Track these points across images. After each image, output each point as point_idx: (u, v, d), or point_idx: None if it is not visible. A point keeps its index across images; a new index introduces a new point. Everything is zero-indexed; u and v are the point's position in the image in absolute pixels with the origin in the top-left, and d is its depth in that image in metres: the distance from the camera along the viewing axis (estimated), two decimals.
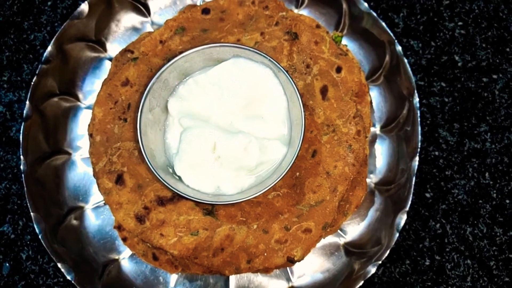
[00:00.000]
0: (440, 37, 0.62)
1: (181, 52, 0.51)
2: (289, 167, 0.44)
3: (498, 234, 0.57)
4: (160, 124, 0.49)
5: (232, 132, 0.46)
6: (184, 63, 0.47)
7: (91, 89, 0.59)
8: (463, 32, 0.62)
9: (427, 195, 0.57)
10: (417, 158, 0.49)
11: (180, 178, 0.48)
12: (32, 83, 0.53)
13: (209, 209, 0.49)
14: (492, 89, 0.60)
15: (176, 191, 0.45)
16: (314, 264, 0.53)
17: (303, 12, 0.60)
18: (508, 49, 0.62)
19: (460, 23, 0.62)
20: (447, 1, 0.63)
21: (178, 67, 0.48)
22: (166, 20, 0.55)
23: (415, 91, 0.51)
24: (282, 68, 0.45)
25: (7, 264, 0.58)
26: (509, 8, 0.63)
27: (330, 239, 0.54)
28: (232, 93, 0.47)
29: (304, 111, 0.45)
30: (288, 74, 0.45)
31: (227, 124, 0.48)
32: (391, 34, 0.52)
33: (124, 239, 0.52)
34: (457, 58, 0.61)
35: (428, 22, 0.62)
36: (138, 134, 0.45)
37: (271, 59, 0.45)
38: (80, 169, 0.56)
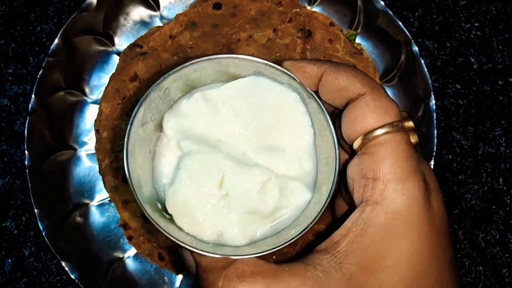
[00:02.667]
0: (456, 38, 0.61)
1: (191, 48, 0.50)
2: (316, 220, 0.33)
3: (511, 240, 0.56)
4: (150, 144, 0.38)
5: (246, 165, 0.36)
6: (193, 72, 0.37)
7: (98, 83, 0.57)
8: (480, 33, 0.61)
9: None
10: (432, 162, 0.48)
11: (171, 217, 0.35)
12: (38, 76, 0.52)
13: None
14: (508, 92, 0.59)
15: (168, 235, 0.32)
16: None
17: (316, 9, 0.58)
18: None
19: (476, 24, 0.61)
20: (463, 1, 0.62)
21: (185, 75, 0.37)
22: (177, 15, 0.54)
23: (432, 93, 0.49)
24: (314, 96, 0.36)
25: (9, 260, 0.57)
26: None
27: None
28: (249, 117, 0.37)
29: (338, 150, 0.34)
30: (322, 103, 0.35)
31: (240, 154, 0.37)
32: (408, 33, 0.51)
33: (130, 238, 0.51)
34: (472, 60, 0.60)
35: (444, 22, 0.61)
36: (124, 153, 0.34)
37: (301, 83, 0.35)
38: (86, 165, 0.55)
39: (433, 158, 0.49)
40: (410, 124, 0.31)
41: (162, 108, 0.38)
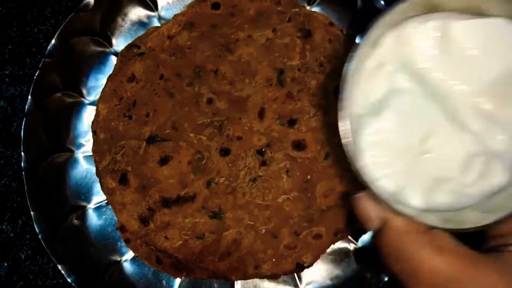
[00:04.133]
0: None
1: (189, 48, 0.49)
2: (507, 215, 0.29)
3: None
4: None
5: (459, 127, 0.31)
6: None
7: (96, 85, 0.57)
8: None
9: None
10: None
11: (353, 144, 0.31)
12: (35, 77, 0.52)
13: (216, 211, 0.48)
14: None
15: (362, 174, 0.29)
16: (323, 271, 0.51)
17: (316, 9, 0.57)
18: None
19: None
20: None
21: None
22: (175, 15, 0.53)
23: None
24: None
25: (5, 264, 0.56)
26: None
27: (339, 244, 0.52)
28: (486, 72, 0.31)
29: None
30: None
31: (456, 111, 0.31)
32: None
33: (127, 241, 0.50)
34: None
35: None
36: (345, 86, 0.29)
37: None
38: (83, 168, 0.54)
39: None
40: None
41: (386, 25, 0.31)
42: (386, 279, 0.46)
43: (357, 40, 0.56)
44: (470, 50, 0.31)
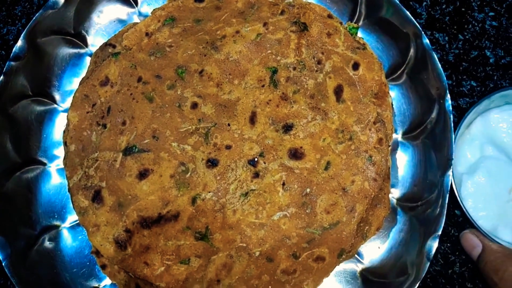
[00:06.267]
0: (469, 29, 0.56)
1: (170, 46, 0.44)
2: None
3: None
4: None
5: None
6: None
7: (71, 89, 0.53)
8: (495, 23, 0.56)
9: (457, 212, 0.50)
10: (450, 172, 0.42)
11: (458, 193, 0.46)
12: None
13: (203, 232, 0.42)
14: None
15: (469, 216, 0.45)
16: None
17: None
18: None
19: (491, 14, 0.56)
20: None
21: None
22: (154, 9, 0.49)
23: (447, 92, 0.43)
24: None
25: None
26: None
27: (345, 264, 0.47)
28: None
29: None
30: None
31: None
32: (417, 25, 0.45)
33: (103, 267, 0.45)
34: (488, 53, 0.55)
35: (454, 12, 0.56)
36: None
37: None
38: (56, 182, 0.51)
39: (451, 166, 0.42)
40: None
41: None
42: None
43: (359, 34, 0.50)
44: None
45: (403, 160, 0.49)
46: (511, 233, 0.45)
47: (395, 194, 0.48)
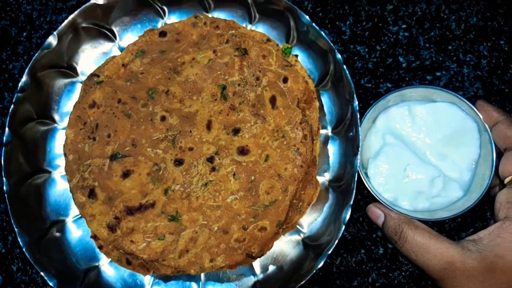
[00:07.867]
0: (385, 40, 0.65)
1: (142, 73, 0.55)
2: (463, 211, 0.52)
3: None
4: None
5: (424, 162, 0.54)
6: (409, 92, 0.57)
7: (68, 110, 0.62)
8: (407, 34, 0.65)
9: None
10: (358, 157, 0.53)
11: (366, 175, 0.55)
12: (10, 110, 0.57)
13: (174, 215, 0.54)
14: (436, 85, 0.64)
15: (374, 192, 0.54)
16: (281, 256, 0.58)
17: (257, 26, 0.63)
18: (450, 47, 0.65)
19: (403, 26, 0.66)
20: (390, 6, 0.67)
21: (403, 94, 0.57)
22: (127, 45, 0.60)
23: (355, 95, 0.54)
24: (489, 131, 0.52)
25: (0, 277, 0.63)
26: (449, 8, 0.66)
27: (291, 236, 0.58)
28: (436, 131, 0.55)
29: (493, 172, 0.52)
30: (493, 142, 0.52)
31: (422, 153, 0.55)
32: (331, 43, 0.55)
33: (100, 247, 0.57)
34: (401, 59, 0.65)
35: (373, 27, 0.66)
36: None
37: (482, 120, 0.53)
38: (60, 186, 0.60)
39: (358, 154, 0.53)
40: None
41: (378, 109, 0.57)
42: (320, 265, 0.52)
43: (293, 52, 0.62)
44: (427, 121, 0.55)
45: (333, 150, 0.59)
46: (407, 203, 0.53)
47: (327, 177, 0.59)
